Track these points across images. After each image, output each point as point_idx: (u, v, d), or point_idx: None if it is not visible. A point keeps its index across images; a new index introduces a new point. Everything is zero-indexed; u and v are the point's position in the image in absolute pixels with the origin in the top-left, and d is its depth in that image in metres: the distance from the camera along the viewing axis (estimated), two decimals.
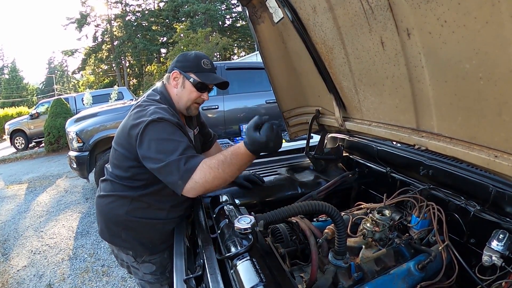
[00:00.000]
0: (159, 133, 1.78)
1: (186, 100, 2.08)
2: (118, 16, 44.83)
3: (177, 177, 1.70)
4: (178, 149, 1.73)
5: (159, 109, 1.87)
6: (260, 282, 1.14)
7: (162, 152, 1.74)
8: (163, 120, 1.79)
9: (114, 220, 2.08)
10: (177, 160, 1.70)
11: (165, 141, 1.76)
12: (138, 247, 2.12)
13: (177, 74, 2.07)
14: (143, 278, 2.23)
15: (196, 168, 1.69)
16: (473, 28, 1.14)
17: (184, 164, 1.69)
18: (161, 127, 1.78)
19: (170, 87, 2.12)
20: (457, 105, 1.45)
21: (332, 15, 1.88)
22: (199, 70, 2.03)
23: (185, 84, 2.05)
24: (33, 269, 4.57)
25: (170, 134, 1.78)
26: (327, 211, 1.45)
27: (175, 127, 1.82)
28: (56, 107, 13.29)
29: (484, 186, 1.70)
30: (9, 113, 24.34)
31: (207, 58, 2.10)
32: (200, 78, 2.02)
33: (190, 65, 2.04)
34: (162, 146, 1.75)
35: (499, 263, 1.41)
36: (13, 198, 7.89)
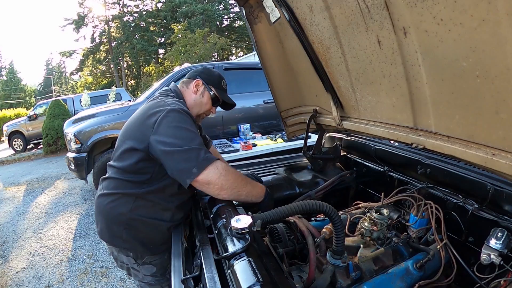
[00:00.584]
0: (179, 122, 1.83)
1: (200, 109, 2.21)
2: (115, 17, 44.84)
3: (194, 163, 1.75)
4: (197, 139, 1.81)
5: (177, 101, 1.98)
6: (257, 282, 1.13)
7: (181, 138, 1.79)
8: (181, 111, 1.87)
9: (116, 219, 2.05)
10: (198, 148, 1.77)
11: (185, 130, 1.82)
12: (139, 248, 2.10)
13: (200, 83, 2.20)
14: (143, 280, 2.22)
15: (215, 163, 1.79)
16: (469, 26, 1.14)
17: (205, 154, 1.77)
18: (181, 117, 1.85)
19: (187, 92, 2.22)
20: (454, 104, 1.45)
21: (328, 14, 1.88)
22: (219, 88, 2.23)
23: (205, 94, 2.20)
24: (32, 271, 4.56)
25: (189, 125, 1.85)
26: (324, 211, 1.45)
27: (191, 120, 1.90)
28: (54, 109, 13.26)
29: (482, 184, 1.70)
30: (7, 114, 24.31)
31: (224, 79, 2.30)
32: (220, 94, 2.21)
33: (213, 80, 2.22)
34: (182, 133, 1.81)
35: (497, 262, 1.41)
36: (11, 200, 7.87)
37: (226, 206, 1.83)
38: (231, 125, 6.75)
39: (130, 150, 1.95)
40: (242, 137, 6.50)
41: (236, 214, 1.71)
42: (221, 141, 6.26)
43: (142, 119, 1.93)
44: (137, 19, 44.35)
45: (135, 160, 1.94)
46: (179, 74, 6.64)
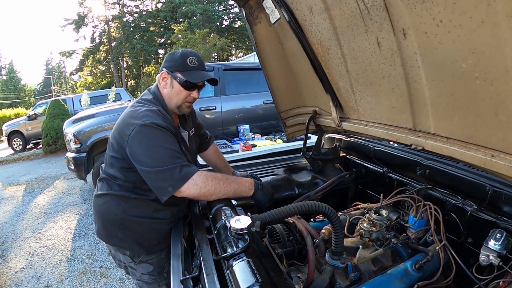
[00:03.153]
0: (151, 139, 1.79)
1: (176, 100, 2.04)
2: (115, 17, 44.78)
3: (168, 183, 1.75)
4: (171, 156, 1.77)
5: (150, 112, 1.87)
6: (256, 283, 1.14)
7: (154, 158, 1.77)
8: (153, 125, 1.79)
9: (111, 219, 2.06)
10: (172, 168, 1.74)
11: (157, 148, 1.78)
12: (135, 247, 2.11)
13: (165, 75, 2.03)
14: (140, 278, 2.23)
15: (194, 175, 1.76)
16: (469, 28, 1.14)
17: (180, 172, 1.74)
18: (152, 132, 1.79)
19: (161, 88, 2.09)
20: (453, 105, 1.45)
21: (328, 16, 1.88)
22: (186, 69, 1.99)
23: (173, 84, 2.02)
24: (31, 271, 4.55)
25: (162, 141, 1.79)
26: (323, 212, 1.45)
27: (165, 133, 1.82)
28: (53, 108, 13.25)
29: (481, 185, 1.70)
30: (7, 114, 24.30)
31: (194, 55, 2.04)
32: (186, 77, 1.98)
33: (176, 64, 2.00)
34: (154, 152, 1.78)
35: (496, 263, 1.42)
36: (10, 200, 7.86)
37: (225, 207, 1.83)
38: (231, 126, 6.75)
39: (115, 158, 1.97)
40: (241, 137, 6.49)
41: (236, 214, 1.71)
42: (221, 141, 6.25)
43: (120, 130, 1.92)
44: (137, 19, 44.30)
45: (121, 168, 1.97)
46: None
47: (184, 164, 1.78)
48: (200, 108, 6.46)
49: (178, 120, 2.23)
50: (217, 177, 1.86)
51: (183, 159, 1.81)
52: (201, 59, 2.06)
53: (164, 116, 1.91)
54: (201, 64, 2.05)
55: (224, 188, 1.85)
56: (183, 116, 2.28)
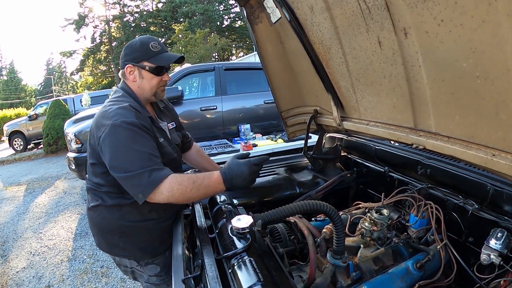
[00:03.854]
0: (120, 141, 1.74)
1: (150, 88, 2.01)
2: (116, 17, 44.79)
3: (138, 190, 1.70)
4: (141, 159, 1.71)
5: (120, 109, 1.81)
6: (258, 282, 1.14)
7: (124, 161, 1.72)
8: (124, 125, 1.74)
9: (109, 229, 2.05)
10: (140, 173, 1.68)
11: (127, 150, 1.73)
12: (138, 253, 2.09)
13: (131, 68, 1.97)
14: (148, 280, 2.20)
15: (163, 181, 1.69)
16: (470, 27, 1.14)
17: (148, 177, 1.68)
18: (122, 134, 1.74)
19: (129, 83, 2.03)
20: (454, 104, 1.45)
21: (329, 15, 1.88)
22: (151, 55, 1.94)
23: (142, 74, 1.97)
24: (32, 271, 4.56)
25: (131, 142, 1.73)
26: (325, 211, 1.45)
27: (136, 133, 1.76)
28: (54, 108, 13.26)
29: (482, 185, 1.71)
30: (8, 114, 24.31)
31: (153, 39, 2.00)
32: (155, 62, 1.95)
33: (140, 54, 1.94)
34: (124, 156, 1.73)
35: (497, 262, 1.42)
36: (11, 200, 7.87)
37: (227, 206, 1.83)
38: (232, 125, 6.75)
39: (93, 165, 1.95)
40: (242, 137, 6.49)
41: (237, 214, 1.72)
42: (222, 141, 6.25)
43: (93, 133, 1.88)
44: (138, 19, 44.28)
45: (102, 174, 1.93)
46: (180, 74, 6.64)
47: (154, 168, 1.71)
48: (201, 108, 6.47)
49: (154, 111, 2.20)
50: (184, 183, 1.72)
51: (154, 161, 1.74)
52: (160, 42, 2.02)
53: (136, 111, 1.85)
54: (162, 46, 2.01)
55: (192, 193, 1.74)
56: (158, 108, 2.27)
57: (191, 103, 6.53)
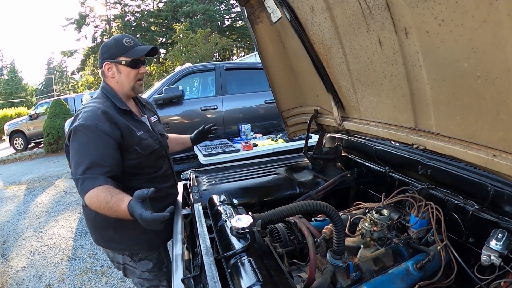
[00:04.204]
0: (74, 146, 1.87)
1: (128, 82, 2.10)
2: (117, 17, 44.72)
3: (78, 190, 1.83)
4: (83, 166, 1.81)
5: (86, 113, 1.92)
6: (257, 282, 1.14)
7: (74, 164, 1.85)
8: (81, 128, 1.85)
9: (104, 224, 2.12)
10: (77, 179, 1.81)
11: (77, 154, 1.86)
12: (134, 246, 2.16)
13: (109, 65, 2.08)
14: (141, 276, 2.25)
15: (90, 190, 1.77)
16: (470, 27, 1.14)
17: (81, 185, 1.79)
18: (78, 137, 1.87)
19: (108, 79, 2.13)
20: (455, 104, 1.45)
21: (330, 15, 1.88)
22: (126, 50, 2.05)
23: (120, 69, 2.07)
24: (32, 270, 4.56)
25: (82, 148, 1.85)
26: (325, 211, 1.45)
27: (90, 137, 1.86)
28: (55, 108, 13.28)
29: (482, 185, 1.70)
30: (8, 113, 24.35)
31: (126, 36, 2.11)
32: (131, 55, 2.05)
33: (115, 51, 2.05)
34: (75, 158, 1.86)
35: (498, 263, 1.41)
36: (12, 199, 7.88)
37: (226, 206, 1.83)
38: (232, 125, 6.74)
39: None
40: (243, 137, 6.48)
41: (237, 213, 1.71)
42: (222, 141, 6.24)
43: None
44: (139, 19, 44.22)
45: None
46: (180, 74, 6.64)
47: (87, 177, 1.79)
48: (202, 108, 6.46)
49: (137, 105, 2.32)
50: (100, 198, 1.75)
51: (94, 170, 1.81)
52: (134, 38, 2.13)
53: (103, 114, 1.92)
54: (135, 41, 2.12)
55: (104, 211, 1.77)
56: (141, 103, 2.37)
57: (192, 102, 6.52)
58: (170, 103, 6.19)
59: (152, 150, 2.12)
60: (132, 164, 2.03)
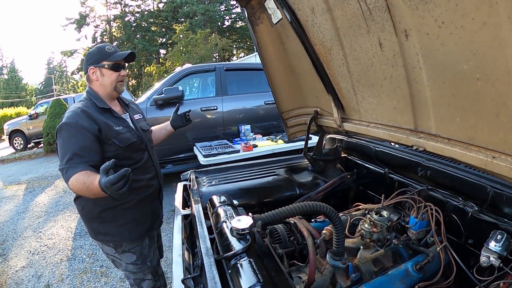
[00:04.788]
0: (63, 138, 2.09)
1: (110, 83, 2.32)
2: (117, 17, 44.68)
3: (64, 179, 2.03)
4: (65, 157, 2.03)
5: (68, 113, 2.16)
6: (258, 283, 1.14)
7: (60, 157, 2.07)
8: (64, 126, 2.09)
9: (90, 217, 2.32)
10: (62, 169, 2.03)
11: (61, 148, 2.08)
12: (116, 236, 2.31)
13: (93, 69, 2.30)
14: (126, 268, 2.40)
15: (71, 177, 1.97)
16: (470, 29, 1.14)
17: (65, 174, 2.00)
18: (63, 134, 2.09)
19: (92, 83, 2.36)
20: (455, 106, 1.45)
21: (330, 16, 1.89)
22: (107, 55, 2.27)
23: (103, 72, 2.29)
24: (31, 270, 4.55)
25: (65, 142, 2.08)
26: (325, 212, 1.45)
27: (71, 132, 2.08)
28: (55, 108, 13.27)
29: (482, 187, 1.71)
30: (8, 113, 24.34)
31: (108, 44, 2.35)
32: (111, 60, 2.27)
33: (98, 57, 2.28)
34: (60, 152, 2.08)
35: (497, 264, 1.42)
36: (11, 199, 7.87)
37: (227, 207, 1.83)
38: (232, 126, 6.74)
39: None
40: (242, 138, 6.48)
41: (237, 214, 1.72)
42: (222, 141, 6.24)
43: None
44: (139, 19, 44.18)
45: None
46: (181, 75, 6.64)
47: (70, 166, 2.00)
48: (202, 108, 6.46)
49: (121, 105, 2.54)
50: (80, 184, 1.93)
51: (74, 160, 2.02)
52: (114, 46, 2.36)
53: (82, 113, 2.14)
54: (115, 48, 2.35)
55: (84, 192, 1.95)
56: (124, 103, 2.58)
57: (192, 103, 6.51)
58: (170, 104, 6.18)
59: (129, 143, 2.28)
60: (110, 156, 2.15)
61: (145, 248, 2.41)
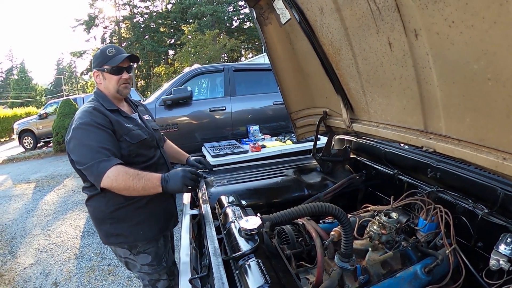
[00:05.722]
0: (78, 139, 2.07)
1: (112, 86, 2.31)
2: (126, 18, 44.88)
3: (93, 178, 2.02)
4: (92, 152, 2.00)
5: (81, 113, 2.16)
6: (266, 283, 1.13)
7: (82, 156, 2.04)
8: (80, 126, 2.07)
9: (101, 218, 2.29)
10: (90, 165, 1.99)
11: (82, 146, 2.04)
12: (130, 238, 2.28)
13: (96, 73, 2.33)
14: (141, 270, 2.38)
15: (110, 169, 1.96)
16: (481, 29, 1.13)
17: (97, 168, 1.97)
18: (81, 132, 2.06)
19: (99, 85, 2.37)
20: (465, 107, 1.44)
21: (339, 16, 1.88)
22: (107, 59, 2.26)
23: (104, 75, 2.30)
24: (39, 267, 4.59)
25: (85, 139, 2.05)
26: (334, 213, 1.44)
27: (89, 130, 2.06)
28: (64, 108, 13.38)
29: (492, 188, 1.69)
30: (18, 113, 24.60)
31: (111, 46, 2.33)
32: (110, 64, 2.26)
33: (100, 60, 2.28)
34: (81, 151, 2.05)
35: (506, 267, 1.40)
36: (21, 197, 7.94)
37: (235, 207, 1.83)
38: (240, 126, 6.74)
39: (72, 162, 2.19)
40: (251, 138, 6.47)
41: (245, 215, 1.71)
42: (230, 142, 6.24)
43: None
44: (147, 20, 44.38)
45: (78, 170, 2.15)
46: (189, 75, 6.66)
47: (101, 160, 1.98)
48: (210, 109, 6.47)
49: (129, 106, 2.55)
50: (129, 173, 2.00)
51: (102, 153, 2.00)
52: (117, 47, 2.36)
53: (95, 111, 2.15)
54: (119, 50, 2.34)
55: (133, 183, 1.98)
56: (134, 104, 2.61)
57: (200, 103, 6.53)
58: (178, 104, 6.20)
59: (140, 140, 2.28)
60: (123, 154, 2.17)
61: (160, 248, 2.40)
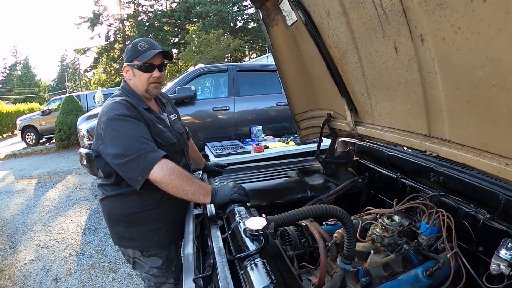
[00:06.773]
0: (116, 130, 1.92)
1: (142, 84, 2.16)
2: (130, 16, 44.95)
3: (137, 173, 1.85)
4: (136, 142, 1.87)
5: (113, 105, 1.99)
6: (271, 284, 1.14)
7: (121, 148, 1.87)
8: (116, 117, 1.92)
9: (115, 219, 2.22)
10: (137, 157, 1.83)
11: (123, 138, 1.90)
12: (144, 243, 2.21)
13: (127, 68, 2.19)
14: (149, 271, 2.30)
15: (159, 161, 1.85)
16: (486, 35, 1.14)
17: (145, 160, 1.83)
18: (116, 124, 1.92)
19: (128, 80, 2.23)
20: (469, 112, 1.45)
21: (346, 19, 1.89)
22: (138, 54, 2.11)
23: (134, 72, 2.15)
24: (40, 263, 4.61)
25: (126, 130, 1.91)
26: (337, 215, 1.45)
27: (128, 121, 1.93)
28: (67, 104, 13.40)
29: (494, 194, 1.69)
30: (21, 109, 24.64)
31: (144, 40, 2.17)
32: (141, 60, 2.10)
33: (131, 54, 2.14)
34: (120, 142, 1.89)
35: (507, 272, 1.41)
36: (22, 193, 7.96)
37: (240, 208, 1.84)
38: (244, 127, 6.75)
39: (96, 157, 2.09)
40: (254, 138, 6.48)
41: (250, 215, 1.72)
42: (233, 142, 6.25)
43: (97, 130, 2.04)
44: (152, 18, 44.45)
45: (103, 166, 2.09)
46: (193, 75, 6.67)
47: (148, 150, 1.86)
48: (214, 108, 6.49)
49: (157, 105, 2.40)
50: (184, 173, 1.91)
51: (148, 144, 1.89)
52: (151, 41, 2.19)
53: (129, 104, 2.01)
54: (151, 44, 2.17)
55: (186, 184, 1.88)
56: (161, 102, 2.46)
57: (204, 103, 6.56)
58: (182, 103, 6.20)
59: (171, 143, 2.17)
60: None
61: (171, 253, 2.33)
